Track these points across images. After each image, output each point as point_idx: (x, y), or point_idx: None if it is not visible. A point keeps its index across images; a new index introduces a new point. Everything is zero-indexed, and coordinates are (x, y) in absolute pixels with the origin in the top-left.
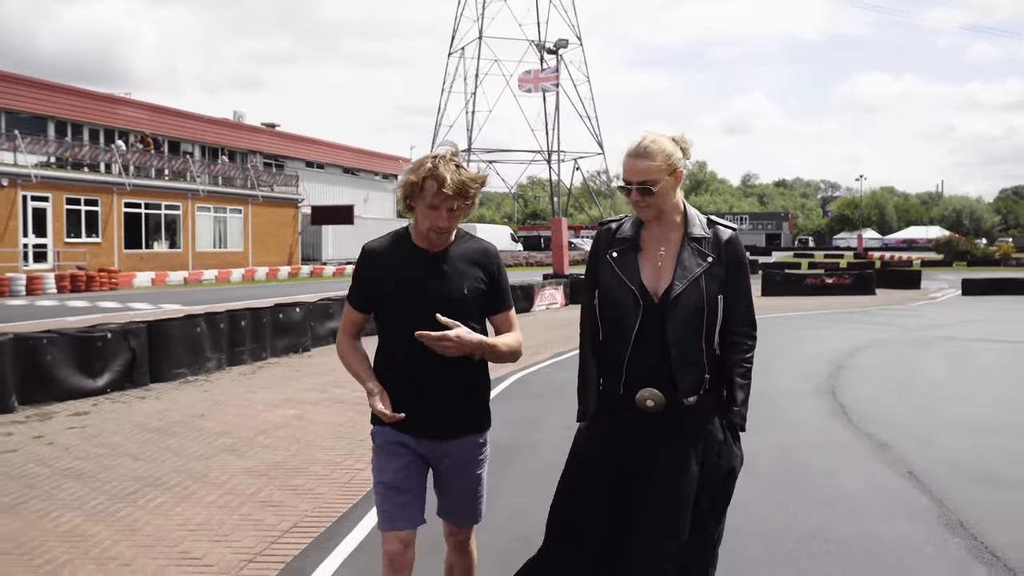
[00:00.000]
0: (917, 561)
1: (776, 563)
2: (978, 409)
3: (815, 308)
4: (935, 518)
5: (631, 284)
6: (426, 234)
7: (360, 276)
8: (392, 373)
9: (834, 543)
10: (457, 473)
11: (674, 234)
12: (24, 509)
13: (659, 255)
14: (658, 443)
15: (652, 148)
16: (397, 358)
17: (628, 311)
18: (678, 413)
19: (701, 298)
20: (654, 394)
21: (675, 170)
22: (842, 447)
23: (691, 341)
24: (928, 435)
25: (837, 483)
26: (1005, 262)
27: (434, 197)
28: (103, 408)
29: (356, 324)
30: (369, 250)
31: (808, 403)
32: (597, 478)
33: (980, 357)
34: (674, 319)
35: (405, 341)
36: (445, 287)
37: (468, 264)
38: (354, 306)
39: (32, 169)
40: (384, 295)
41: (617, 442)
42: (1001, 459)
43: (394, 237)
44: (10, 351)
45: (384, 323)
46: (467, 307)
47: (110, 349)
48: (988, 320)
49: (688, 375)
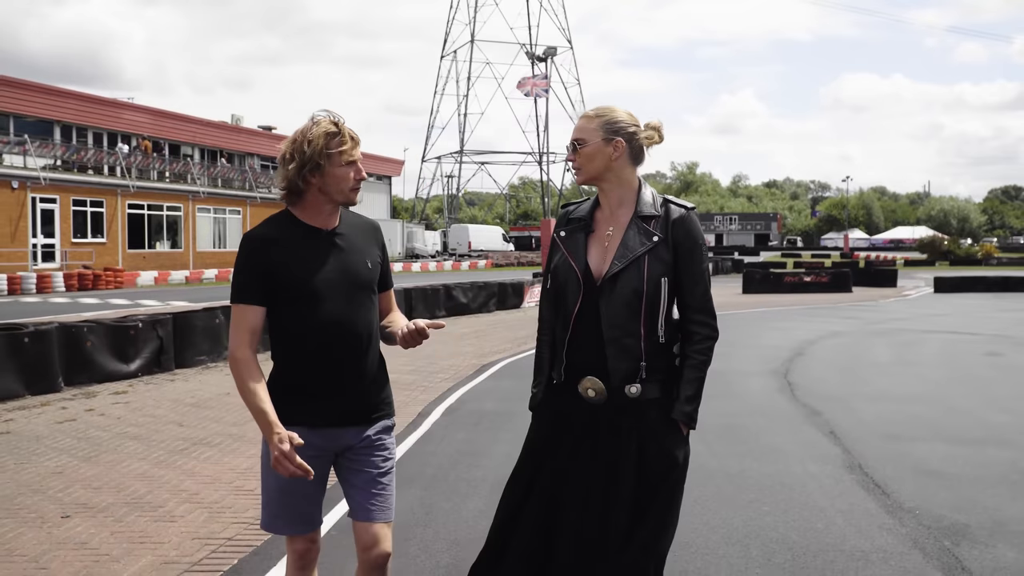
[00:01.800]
0: (815, 488)
1: (705, 492)
2: (904, 386)
3: (790, 304)
4: (840, 462)
5: (575, 264)
6: (345, 197)
7: (253, 267)
8: (300, 363)
9: (753, 479)
10: (368, 459)
11: (624, 213)
12: (99, 460)
13: (607, 235)
14: (594, 436)
15: (593, 111)
16: (304, 346)
17: (570, 293)
18: (619, 404)
19: (640, 279)
20: (595, 383)
21: (614, 138)
22: (780, 413)
23: (627, 325)
24: (855, 405)
25: (768, 439)
26: (987, 261)
27: (348, 153)
28: (138, 389)
29: (254, 329)
30: (255, 236)
31: (760, 381)
32: (543, 470)
33: (924, 345)
34: (610, 301)
35: (316, 327)
36: (350, 264)
37: (364, 238)
38: (250, 301)
39: (40, 172)
40: (285, 281)
41: (559, 433)
42: (908, 422)
43: (278, 222)
44: (56, 338)
45: (285, 313)
46: (372, 283)
47: (141, 337)
48: (947, 314)
49: (621, 361)
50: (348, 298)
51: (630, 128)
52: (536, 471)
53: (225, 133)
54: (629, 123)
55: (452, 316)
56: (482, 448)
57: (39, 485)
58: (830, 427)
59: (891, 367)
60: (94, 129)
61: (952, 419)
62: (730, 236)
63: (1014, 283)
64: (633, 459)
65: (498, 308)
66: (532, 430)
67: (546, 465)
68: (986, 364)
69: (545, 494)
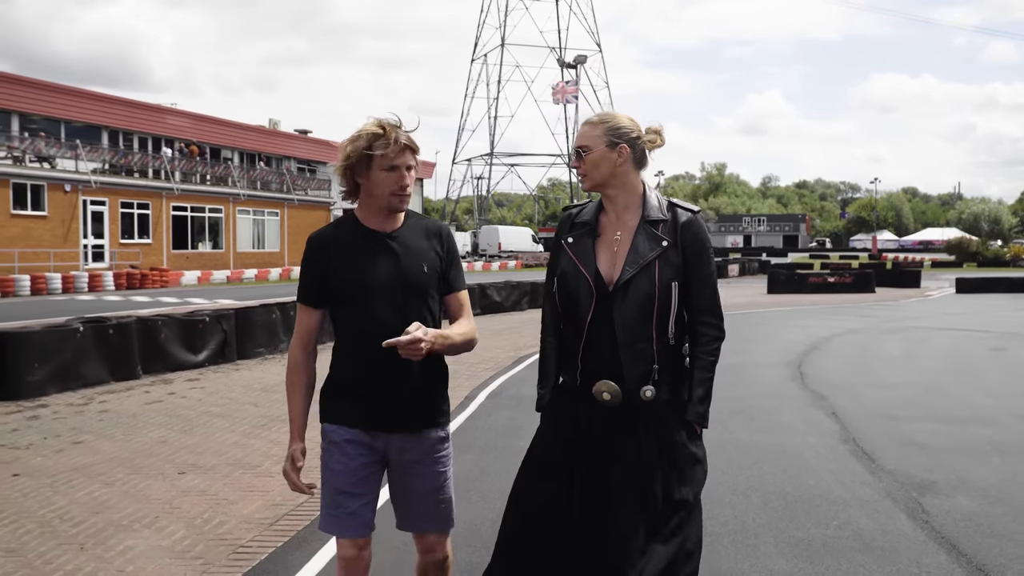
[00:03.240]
0: (812, 456)
1: (716, 458)
2: (906, 375)
3: (812, 304)
4: (837, 436)
5: (585, 271)
6: (387, 202)
7: (311, 269)
8: (352, 364)
9: (759, 448)
10: (418, 470)
11: (631, 218)
12: (194, 433)
13: (615, 240)
14: (612, 438)
15: (596, 118)
16: (357, 348)
17: (583, 299)
18: (634, 407)
19: (652, 284)
20: (610, 387)
21: (619, 145)
22: (789, 397)
23: (640, 330)
24: (858, 391)
25: (775, 418)
26: (1015, 263)
27: (391, 156)
28: (208, 376)
29: (311, 329)
30: (316, 237)
31: (775, 371)
32: (554, 472)
33: (933, 341)
34: (623, 306)
35: (365, 329)
36: (404, 268)
37: (424, 242)
38: (308, 303)
39: (91, 175)
40: (338, 282)
41: (573, 436)
42: (903, 405)
43: (341, 223)
44: (135, 331)
45: (340, 313)
46: (427, 287)
47: (208, 331)
48: (963, 313)
49: (636, 365)
50: (399, 301)
51: (633, 133)
52: (546, 474)
53: (263, 137)
54: (631, 128)
55: (487, 314)
56: (524, 424)
57: (150, 451)
58: (832, 409)
59: (898, 360)
60: (139, 134)
61: (943, 402)
62: (758, 237)
63: None
64: (655, 460)
65: (530, 306)
66: (541, 433)
67: (559, 467)
68: (987, 357)
69: (560, 496)
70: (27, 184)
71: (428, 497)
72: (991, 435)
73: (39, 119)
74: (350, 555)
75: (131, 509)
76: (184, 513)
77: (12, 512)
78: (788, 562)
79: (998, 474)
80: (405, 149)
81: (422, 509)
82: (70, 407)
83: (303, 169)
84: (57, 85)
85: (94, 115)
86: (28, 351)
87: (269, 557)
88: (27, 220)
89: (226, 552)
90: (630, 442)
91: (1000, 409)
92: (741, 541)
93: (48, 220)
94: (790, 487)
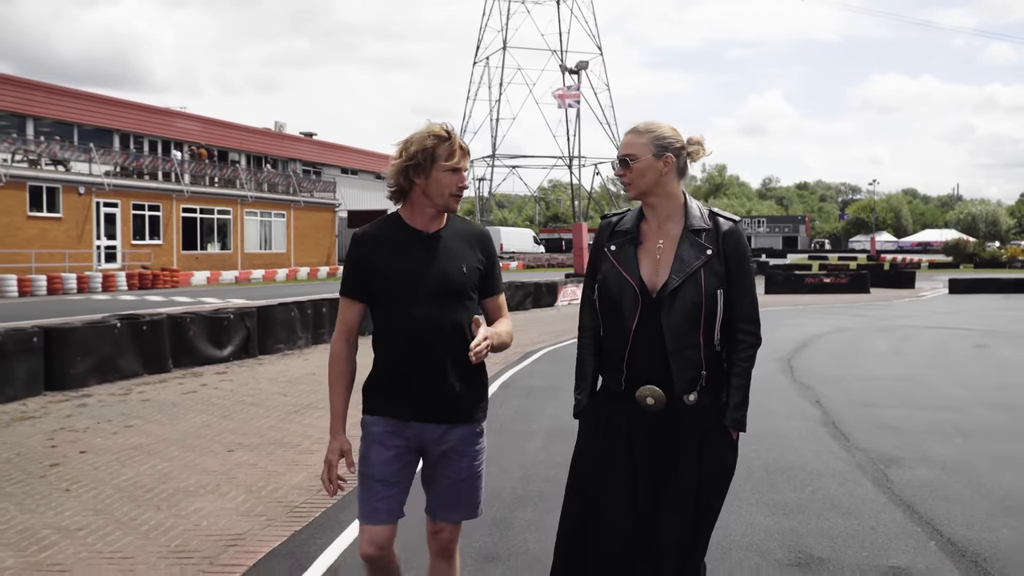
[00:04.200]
0: (795, 436)
1: None
2: (889, 369)
3: (808, 303)
4: (818, 420)
5: (630, 278)
6: (445, 202)
7: (356, 263)
8: (390, 358)
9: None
10: (453, 461)
11: (673, 226)
12: (233, 418)
13: (658, 248)
14: (655, 442)
15: (642, 127)
16: (395, 342)
17: (627, 305)
18: (678, 411)
19: (699, 293)
20: (654, 391)
21: (664, 154)
22: (778, 388)
23: (688, 336)
24: (842, 382)
25: (764, 406)
26: (1011, 264)
27: (455, 158)
28: (234, 370)
29: (353, 322)
30: (362, 235)
31: (766, 365)
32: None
33: (920, 338)
34: (671, 314)
35: (404, 324)
36: (444, 267)
37: (465, 244)
38: (351, 295)
39: (104, 178)
40: (381, 278)
41: (617, 439)
42: (884, 395)
43: (385, 222)
44: (166, 327)
45: (381, 309)
46: (466, 287)
47: (232, 327)
48: (953, 312)
49: (685, 371)
50: (437, 300)
51: (677, 144)
52: (593, 479)
53: (269, 139)
54: (675, 139)
55: None
56: (535, 411)
57: (197, 433)
58: (817, 397)
59: (884, 356)
60: (149, 137)
61: (920, 393)
62: (759, 239)
63: None
64: (694, 463)
65: (533, 306)
66: (583, 438)
67: (604, 472)
68: (969, 354)
69: (605, 500)
70: (43, 187)
71: (458, 488)
72: (957, 420)
73: (51, 122)
74: (380, 540)
75: (193, 479)
76: (240, 482)
77: (89, 482)
78: (766, 518)
79: (957, 451)
80: (466, 154)
81: (452, 500)
82: (112, 396)
83: (308, 171)
84: (69, 89)
85: (105, 118)
86: (71, 345)
87: (323, 515)
88: (43, 222)
89: (284, 511)
90: (672, 446)
91: (971, 399)
92: (726, 503)
93: (63, 222)
94: (771, 460)
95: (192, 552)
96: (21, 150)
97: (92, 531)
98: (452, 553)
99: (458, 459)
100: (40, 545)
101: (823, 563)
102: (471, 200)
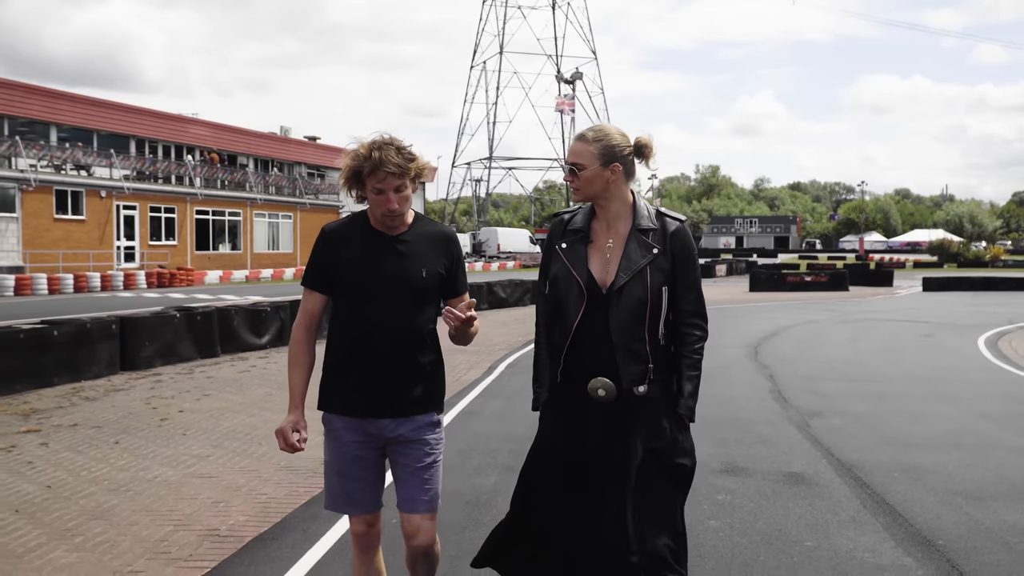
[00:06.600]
0: (745, 401)
1: None
2: (839, 352)
3: (787, 300)
4: (767, 390)
5: (578, 276)
6: (380, 219)
7: (319, 256)
8: (345, 352)
9: (706, 397)
10: (409, 452)
11: (622, 226)
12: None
13: (608, 247)
14: (608, 431)
15: (590, 134)
16: (351, 337)
17: (572, 303)
18: (628, 403)
19: (645, 290)
20: (605, 383)
21: (612, 163)
22: (740, 367)
23: (634, 332)
24: (795, 363)
25: (725, 379)
26: (993, 264)
27: (377, 181)
28: (273, 356)
29: (314, 312)
30: (328, 231)
31: (735, 350)
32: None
33: (877, 329)
34: (617, 310)
35: (360, 321)
36: (403, 269)
37: (428, 247)
38: (312, 287)
39: (123, 182)
40: (342, 275)
41: (569, 431)
42: (824, 371)
43: (353, 219)
44: (215, 317)
45: (339, 304)
46: (423, 290)
47: (269, 318)
48: (917, 307)
49: (631, 364)
50: (394, 300)
51: (626, 151)
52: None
53: (276, 144)
54: (623, 145)
55: (494, 308)
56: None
57: (264, 401)
58: (770, 373)
59: (839, 343)
60: (163, 142)
61: (857, 370)
62: (750, 239)
63: (995, 283)
64: (650, 453)
65: (531, 302)
66: (542, 432)
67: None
68: (914, 342)
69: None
70: (68, 191)
71: (415, 477)
72: (880, 389)
73: (70, 129)
74: (359, 530)
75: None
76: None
77: (198, 430)
78: (710, 448)
79: (870, 409)
80: (389, 175)
81: (412, 489)
82: (179, 375)
83: (313, 174)
84: (89, 97)
85: (122, 125)
86: (141, 332)
87: None
88: (68, 224)
89: None
90: (624, 434)
91: (899, 375)
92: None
93: (86, 224)
94: (723, 418)
95: (299, 468)
96: (47, 156)
97: (218, 457)
98: (431, 550)
99: (414, 447)
100: (186, 464)
101: (743, 470)
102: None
